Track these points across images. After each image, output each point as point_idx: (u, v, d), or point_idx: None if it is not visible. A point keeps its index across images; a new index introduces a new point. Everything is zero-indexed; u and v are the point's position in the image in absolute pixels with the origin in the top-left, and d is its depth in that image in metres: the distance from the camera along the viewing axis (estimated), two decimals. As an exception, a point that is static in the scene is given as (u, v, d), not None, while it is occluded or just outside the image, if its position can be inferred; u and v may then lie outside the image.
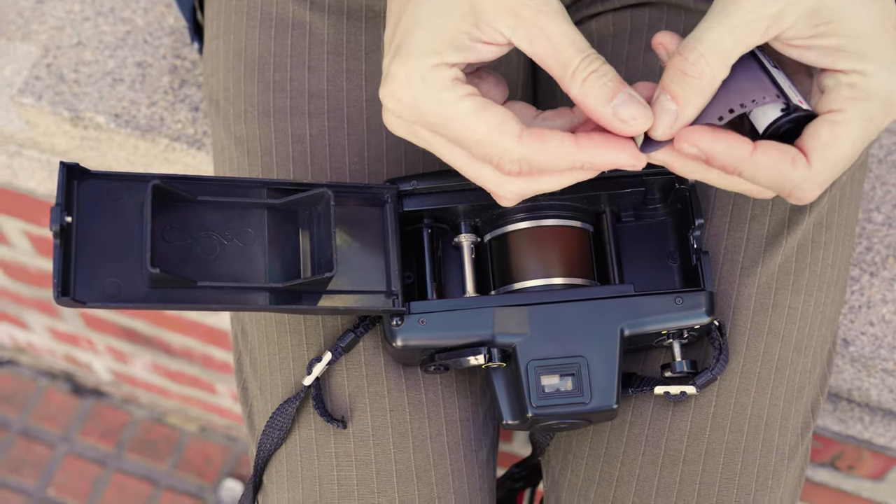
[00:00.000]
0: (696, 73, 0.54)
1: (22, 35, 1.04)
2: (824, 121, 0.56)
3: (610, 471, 0.68)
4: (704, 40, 0.54)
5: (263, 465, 0.70)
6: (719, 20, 0.54)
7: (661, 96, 0.56)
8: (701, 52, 0.54)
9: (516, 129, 0.55)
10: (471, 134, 0.56)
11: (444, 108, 0.55)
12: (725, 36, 0.54)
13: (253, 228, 0.63)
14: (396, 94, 0.56)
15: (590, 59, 0.55)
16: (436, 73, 0.55)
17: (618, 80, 0.55)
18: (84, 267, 0.58)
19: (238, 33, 0.76)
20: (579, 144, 0.56)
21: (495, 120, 0.55)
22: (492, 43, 0.56)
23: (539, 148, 0.55)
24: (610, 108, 0.55)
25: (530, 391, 0.63)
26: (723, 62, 0.54)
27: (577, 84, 0.55)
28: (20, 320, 1.68)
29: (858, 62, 0.55)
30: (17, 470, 1.75)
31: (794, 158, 0.56)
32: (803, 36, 0.55)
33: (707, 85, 0.55)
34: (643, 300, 0.65)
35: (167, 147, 0.98)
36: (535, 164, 0.56)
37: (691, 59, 0.54)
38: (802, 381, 0.71)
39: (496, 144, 0.56)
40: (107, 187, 0.60)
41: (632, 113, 0.55)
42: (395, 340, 0.64)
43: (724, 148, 0.56)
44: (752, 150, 0.56)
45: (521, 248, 0.66)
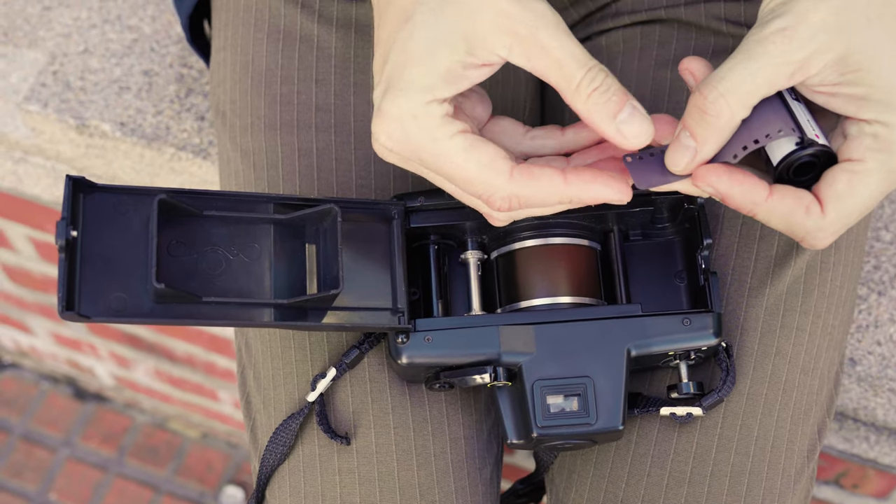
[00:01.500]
0: (714, 113, 0.54)
1: (29, 42, 1.04)
2: (843, 170, 0.56)
3: (615, 491, 0.68)
4: (726, 80, 0.54)
5: (266, 480, 0.70)
6: (744, 62, 0.54)
7: (682, 133, 0.56)
8: (721, 91, 0.54)
9: (506, 168, 0.56)
10: (461, 172, 0.56)
11: (436, 146, 0.56)
12: (748, 78, 0.54)
13: (259, 244, 0.63)
14: (388, 130, 0.56)
15: (593, 73, 0.55)
16: (427, 110, 0.55)
17: (622, 94, 0.55)
18: (89, 281, 0.58)
19: (245, 45, 0.76)
20: (567, 182, 0.56)
21: (486, 158, 0.56)
22: (487, 64, 0.55)
23: (528, 185, 0.56)
24: (615, 125, 0.55)
25: (535, 411, 0.63)
26: (743, 104, 0.54)
27: (582, 99, 0.55)
28: (23, 324, 1.68)
29: (883, 113, 0.54)
30: (19, 474, 1.75)
31: (808, 207, 0.56)
32: (829, 83, 0.55)
33: (725, 125, 0.55)
34: (650, 321, 0.64)
35: (173, 156, 0.97)
36: (525, 200, 0.57)
37: (711, 99, 0.54)
38: (809, 404, 0.70)
39: (486, 182, 0.56)
40: (113, 201, 0.60)
41: (635, 130, 0.55)
42: (400, 358, 0.64)
43: (740, 192, 0.56)
44: (767, 195, 0.56)
45: (528, 266, 0.66)
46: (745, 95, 0.54)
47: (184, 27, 0.86)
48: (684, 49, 0.75)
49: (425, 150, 0.56)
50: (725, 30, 0.74)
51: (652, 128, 0.55)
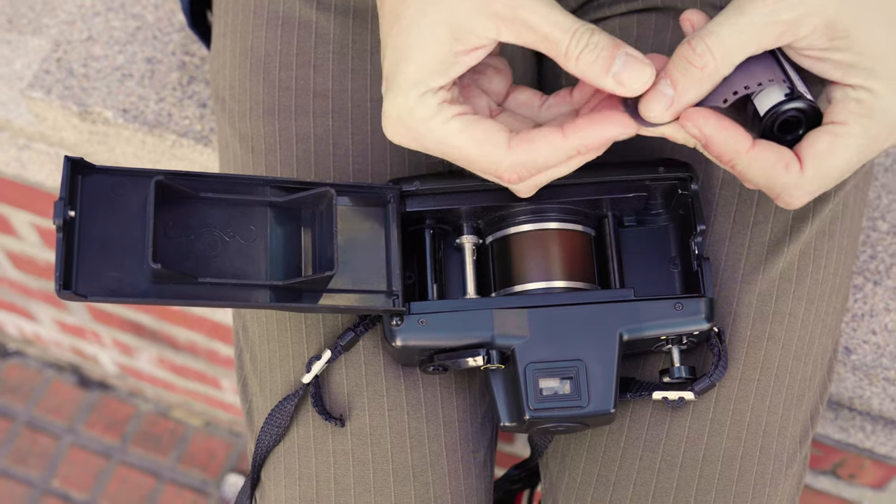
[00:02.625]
0: (699, 65, 0.55)
1: (33, 29, 1.05)
2: (825, 131, 0.57)
3: (607, 474, 0.69)
4: (714, 34, 0.55)
5: (261, 461, 0.71)
6: (733, 17, 0.55)
7: (662, 81, 0.56)
8: (708, 45, 0.55)
9: (503, 139, 0.57)
10: (463, 152, 0.58)
11: (435, 134, 0.58)
12: (736, 35, 0.54)
13: (255, 226, 0.63)
14: (392, 128, 0.59)
15: (578, 35, 0.55)
16: (422, 102, 0.57)
17: (611, 46, 0.56)
18: (86, 261, 0.58)
19: (245, 31, 0.76)
20: (565, 134, 0.57)
21: (481, 135, 0.57)
22: (479, 47, 0.57)
23: (529, 150, 0.57)
24: (610, 76, 0.56)
25: (528, 394, 0.63)
26: (728, 59, 0.55)
27: (573, 63, 0.56)
28: (28, 312, 1.69)
29: (869, 79, 0.55)
30: (22, 460, 1.76)
31: (788, 163, 0.57)
32: (817, 47, 0.55)
33: (707, 78, 0.55)
34: (643, 305, 0.65)
35: (174, 143, 0.98)
36: (531, 165, 0.58)
37: (698, 51, 0.55)
38: (802, 389, 0.71)
39: (486, 157, 0.58)
40: (110, 182, 0.61)
41: (633, 76, 0.55)
42: (394, 340, 0.64)
43: (724, 138, 0.57)
44: (749, 147, 0.57)
45: (522, 251, 0.67)
46: (731, 50, 0.55)
47: (185, 12, 0.87)
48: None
49: (427, 139, 0.58)
50: (722, 18, 0.74)
51: (651, 69, 0.56)
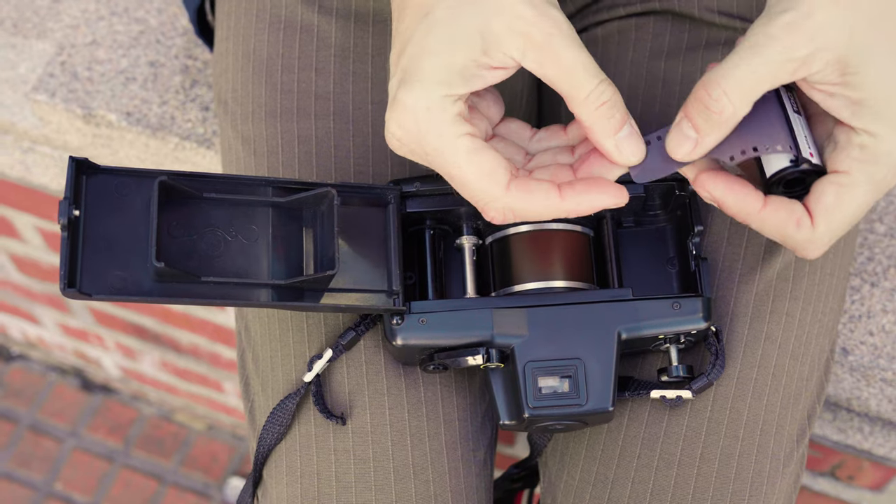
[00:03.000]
0: (717, 109, 0.56)
1: (37, 33, 1.05)
2: (831, 182, 0.57)
3: (605, 472, 0.69)
4: (729, 77, 0.55)
5: (263, 459, 0.71)
6: (746, 58, 0.55)
7: (683, 122, 0.57)
8: (724, 89, 0.55)
9: (504, 180, 0.57)
10: (460, 174, 0.57)
11: (442, 143, 0.57)
12: (751, 75, 0.55)
13: (257, 226, 0.64)
14: (400, 120, 0.57)
15: (603, 87, 0.56)
16: (441, 105, 0.56)
17: (624, 112, 0.57)
18: (90, 260, 0.59)
19: (247, 35, 0.77)
20: (563, 197, 0.58)
21: (487, 167, 0.57)
22: (500, 67, 0.56)
23: (524, 199, 0.57)
24: (614, 140, 0.57)
25: (527, 392, 0.64)
26: (745, 100, 0.56)
27: (589, 111, 0.56)
28: (31, 315, 1.70)
29: (873, 122, 0.55)
30: (26, 463, 1.76)
31: (799, 220, 0.58)
32: (829, 82, 0.56)
33: (727, 121, 0.56)
34: (641, 304, 0.65)
35: (177, 146, 0.99)
36: (520, 213, 0.58)
37: (714, 96, 0.55)
38: (799, 389, 0.71)
39: (483, 191, 0.57)
40: (114, 182, 0.61)
41: (632, 150, 0.58)
42: (395, 339, 0.65)
43: (735, 200, 0.59)
44: (761, 207, 0.58)
45: (521, 251, 0.67)
46: (747, 92, 0.55)
47: (192, 20, 0.88)
48: (678, 40, 0.76)
49: (430, 144, 0.57)
50: (718, 21, 0.75)
51: (644, 151, 0.58)
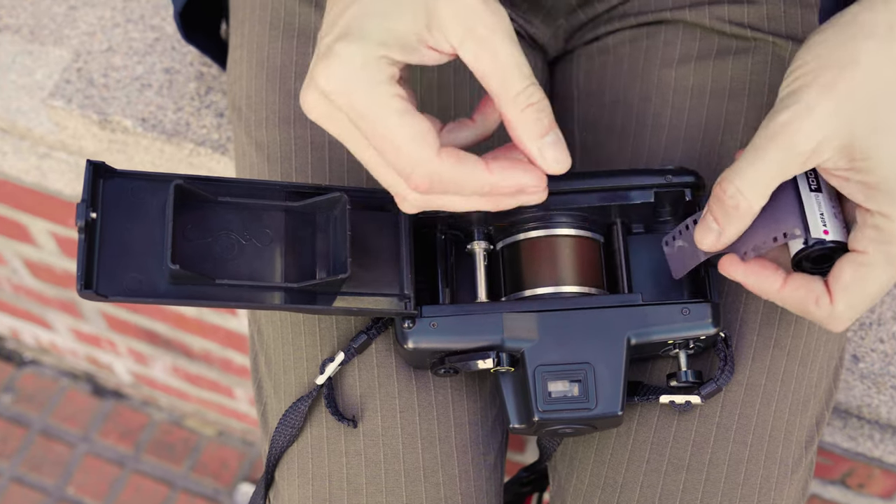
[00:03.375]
0: (734, 206, 0.58)
1: (54, 40, 1.07)
2: (849, 261, 0.59)
3: (614, 476, 0.70)
4: (742, 175, 0.58)
5: (275, 462, 0.72)
6: (759, 156, 0.57)
7: (708, 216, 0.60)
8: (738, 186, 0.58)
9: (436, 144, 0.57)
10: (391, 136, 0.56)
11: (374, 100, 0.55)
12: (763, 172, 0.57)
13: (271, 230, 0.65)
14: (330, 72, 0.55)
15: (532, 90, 0.57)
16: (377, 63, 0.55)
17: (551, 119, 0.58)
18: (107, 262, 0.60)
19: (261, 43, 0.78)
20: (490, 168, 0.58)
21: (419, 128, 0.56)
22: (437, 50, 0.57)
23: (454, 167, 0.57)
24: (538, 144, 0.58)
25: (537, 396, 0.65)
26: (759, 195, 0.58)
27: (516, 110, 0.57)
28: (44, 320, 1.71)
29: (886, 205, 0.57)
30: (37, 468, 1.77)
31: (818, 299, 0.60)
32: (841, 168, 0.57)
33: (744, 215, 0.59)
34: (650, 310, 0.66)
35: (192, 151, 1.00)
36: (447, 182, 0.57)
37: (729, 194, 0.58)
38: (808, 395, 0.72)
39: (413, 154, 0.56)
40: (131, 186, 0.62)
41: (555, 156, 0.58)
42: (406, 342, 0.66)
43: (755, 282, 0.62)
44: (780, 287, 0.61)
45: (532, 257, 0.68)
46: (760, 188, 0.58)
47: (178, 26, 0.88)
48: (689, 49, 0.77)
49: (361, 101, 0.55)
50: (729, 31, 0.76)
51: (569, 161, 0.59)
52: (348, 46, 0.55)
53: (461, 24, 0.55)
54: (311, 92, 0.57)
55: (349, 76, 0.55)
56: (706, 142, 0.74)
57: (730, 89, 0.74)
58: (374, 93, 0.55)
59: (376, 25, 0.56)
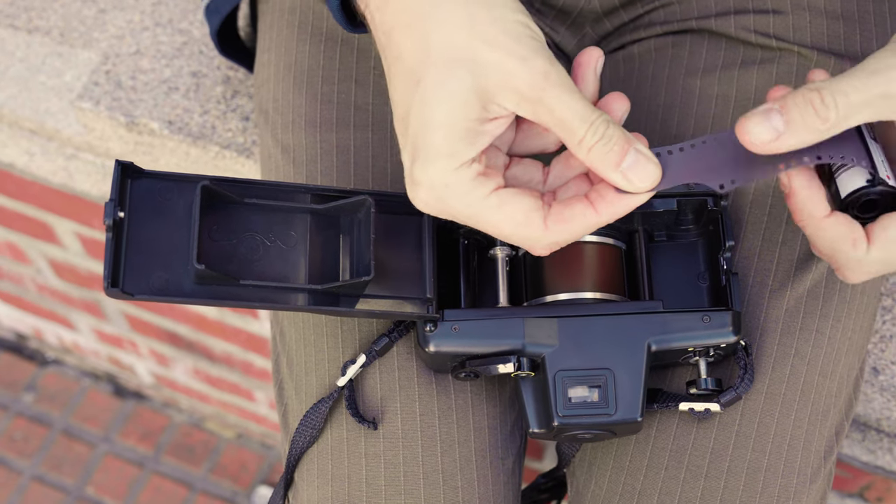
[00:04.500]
0: (823, 116, 0.54)
1: (83, 42, 1.08)
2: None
3: (633, 483, 0.70)
4: (845, 91, 0.54)
5: (295, 462, 0.72)
6: (865, 81, 0.54)
7: (774, 112, 0.55)
8: (837, 101, 0.54)
9: (540, 221, 0.58)
10: (499, 230, 0.59)
11: (471, 210, 0.58)
12: (864, 97, 0.54)
13: (295, 232, 0.66)
14: (423, 198, 0.58)
15: (595, 127, 0.56)
16: (458, 176, 0.57)
17: (623, 141, 0.57)
18: (133, 261, 0.61)
19: (289, 47, 0.79)
20: (598, 211, 0.58)
21: (520, 217, 0.58)
22: (500, 117, 0.57)
23: (565, 230, 0.58)
24: (619, 172, 0.57)
25: (557, 401, 0.65)
26: (849, 118, 0.55)
27: (585, 153, 0.57)
28: (68, 321, 1.72)
29: None
30: (58, 467, 1.79)
31: (856, 240, 0.59)
32: None
33: (823, 131, 0.55)
34: (671, 317, 0.66)
35: (217, 154, 1.01)
36: (565, 242, 0.60)
37: (826, 102, 0.54)
38: (827, 405, 0.72)
39: (524, 237, 0.59)
40: (158, 186, 0.63)
41: (640, 175, 0.57)
42: (427, 346, 0.66)
43: (805, 197, 0.59)
44: (824, 215, 0.59)
45: (554, 262, 0.68)
46: (855, 111, 0.55)
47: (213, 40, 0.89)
48: (714, 58, 0.77)
49: (461, 213, 0.59)
50: (754, 41, 0.76)
51: (659, 170, 0.57)
52: (425, 171, 0.57)
53: (509, 91, 0.55)
54: (420, 206, 0.59)
55: (439, 199, 0.58)
56: (729, 151, 0.74)
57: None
58: (466, 204, 0.58)
59: (440, 138, 0.56)
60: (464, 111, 0.56)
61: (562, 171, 0.63)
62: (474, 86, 0.55)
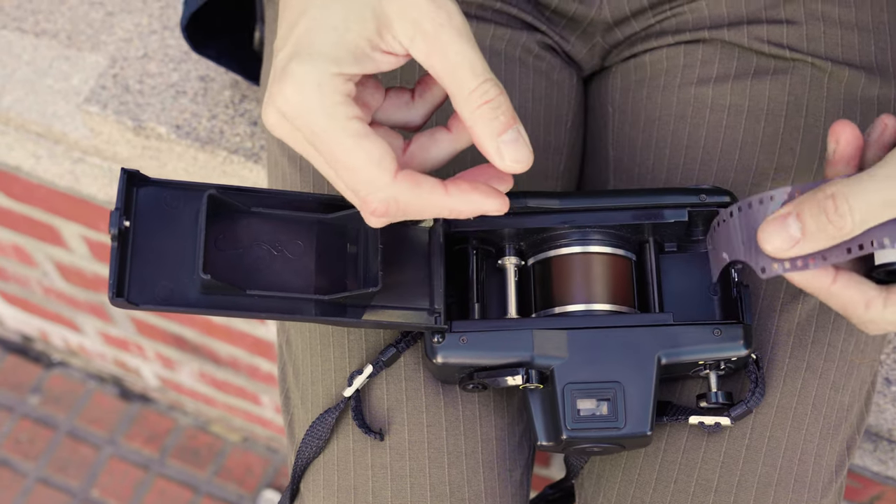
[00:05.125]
0: (838, 224, 0.53)
1: (91, 45, 1.07)
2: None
3: (642, 496, 0.69)
4: (860, 197, 0.53)
5: (301, 473, 0.72)
6: (882, 183, 0.53)
7: (792, 218, 0.55)
8: (852, 205, 0.53)
9: (392, 167, 0.55)
10: (347, 158, 0.55)
11: (330, 123, 0.54)
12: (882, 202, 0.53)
13: (302, 241, 0.65)
14: (287, 94, 0.54)
15: (487, 86, 0.55)
16: (332, 82, 0.54)
17: (510, 115, 0.55)
18: (139, 270, 0.60)
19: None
20: (449, 192, 0.56)
21: (376, 152, 0.55)
22: (390, 53, 0.56)
23: (411, 191, 0.56)
24: (496, 142, 0.55)
25: (566, 414, 0.64)
26: (866, 223, 0.53)
27: (469, 109, 0.55)
28: (74, 323, 1.72)
29: None
30: (63, 469, 1.79)
31: (869, 302, 0.57)
32: None
33: (842, 237, 0.54)
34: (681, 330, 0.65)
35: (225, 159, 1.00)
36: (403, 205, 0.56)
37: (841, 210, 0.53)
38: (839, 419, 0.71)
39: (369, 178, 0.55)
40: (164, 195, 0.62)
41: (515, 155, 0.55)
42: (435, 357, 0.65)
43: (804, 280, 0.57)
44: (830, 283, 0.57)
45: (563, 274, 0.67)
46: (873, 216, 0.53)
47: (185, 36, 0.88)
48: (726, 68, 0.76)
49: (318, 123, 0.54)
50: (768, 51, 0.75)
51: (531, 159, 0.56)
52: (301, 66, 0.54)
53: (409, 23, 0.54)
54: (271, 112, 0.56)
55: (305, 98, 0.54)
56: (742, 162, 0.73)
57: (767, 110, 0.73)
58: (329, 115, 0.54)
59: (327, 40, 0.54)
60: (358, 26, 0.54)
61: (421, 149, 0.61)
62: (375, 5, 0.54)
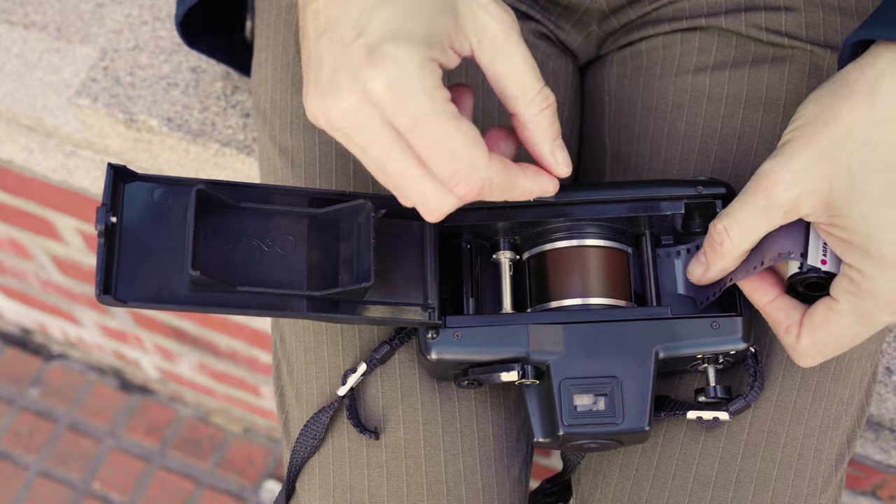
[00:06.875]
0: (718, 241, 0.61)
1: (81, 37, 1.06)
2: (823, 303, 0.60)
3: (639, 493, 0.68)
4: (731, 216, 0.60)
5: (297, 472, 0.71)
6: (747, 200, 0.59)
7: (700, 252, 0.64)
8: (725, 225, 0.60)
9: (486, 148, 0.55)
10: (447, 140, 0.53)
11: (433, 106, 0.52)
12: (744, 217, 0.59)
13: (293, 236, 0.64)
14: (385, 74, 0.51)
15: (547, 91, 0.58)
16: (430, 66, 0.53)
17: (559, 124, 0.60)
18: (126, 266, 0.59)
19: (286, 46, 0.77)
20: (526, 174, 0.59)
21: (472, 133, 0.54)
22: (457, 52, 0.56)
23: (503, 171, 0.57)
24: (551, 146, 0.60)
25: (562, 410, 0.63)
26: (743, 238, 0.60)
27: (533, 111, 0.58)
28: (72, 315, 1.72)
29: (859, 260, 0.57)
30: (64, 462, 1.78)
31: (789, 328, 0.62)
32: (823, 222, 0.58)
33: (727, 253, 0.61)
34: (679, 323, 0.64)
35: (217, 152, 0.99)
36: (495, 187, 0.57)
37: (717, 229, 0.61)
38: (839, 412, 0.70)
39: (469, 159, 0.54)
40: (152, 190, 0.61)
41: (565, 158, 0.60)
42: (429, 353, 0.64)
43: (750, 289, 0.63)
44: (768, 301, 0.62)
45: (559, 268, 0.66)
46: (745, 231, 0.60)
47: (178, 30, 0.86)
48: (724, 56, 0.75)
49: (419, 105, 0.52)
50: (766, 38, 0.74)
51: (570, 165, 0.61)
52: (400, 48, 0.51)
53: (480, 24, 0.56)
54: (348, 98, 0.52)
55: (406, 79, 0.51)
56: (740, 152, 0.72)
57: (765, 98, 0.72)
58: (431, 97, 0.52)
59: (420, 26, 0.53)
60: (443, 18, 0.55)
61: None
62: (452, 2, 0.55)
